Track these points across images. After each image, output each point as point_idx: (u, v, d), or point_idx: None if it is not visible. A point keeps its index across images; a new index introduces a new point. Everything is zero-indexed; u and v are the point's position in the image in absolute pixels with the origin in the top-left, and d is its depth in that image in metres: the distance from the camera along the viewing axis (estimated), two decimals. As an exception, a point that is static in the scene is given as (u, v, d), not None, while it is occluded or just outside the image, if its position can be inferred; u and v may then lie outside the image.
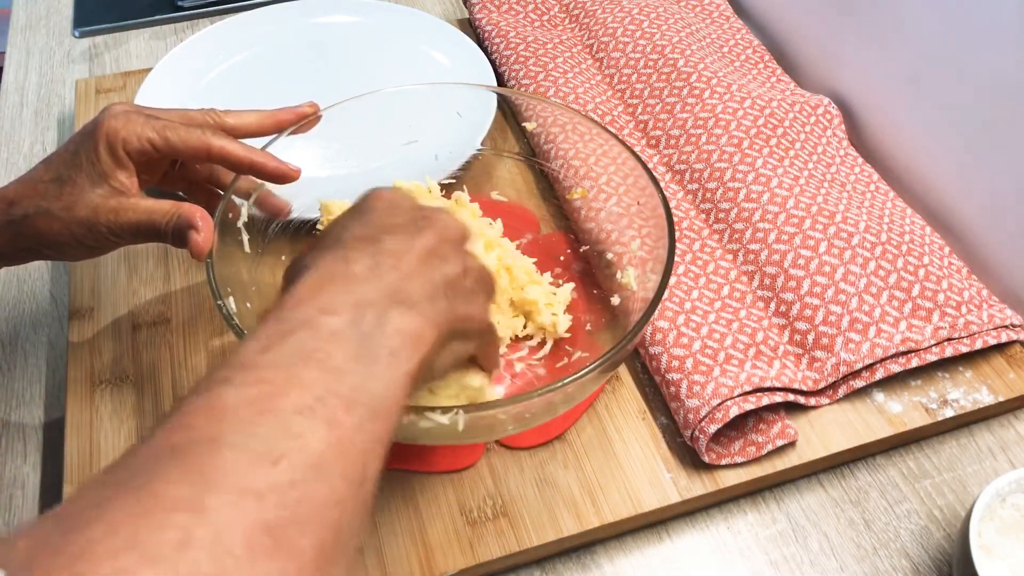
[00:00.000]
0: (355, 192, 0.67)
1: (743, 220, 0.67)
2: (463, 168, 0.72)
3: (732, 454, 0.56)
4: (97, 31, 0.96)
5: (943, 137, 0.69)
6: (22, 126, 0.86)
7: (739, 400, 0.55)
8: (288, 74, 0.86)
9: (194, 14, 0.98)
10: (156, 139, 0.53)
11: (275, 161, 0.57)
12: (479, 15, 0.90)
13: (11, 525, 0.57)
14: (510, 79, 0.82)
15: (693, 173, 0.72)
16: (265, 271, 0.62)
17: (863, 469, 0.58)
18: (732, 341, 0.60)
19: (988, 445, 0.60)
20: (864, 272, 0.62)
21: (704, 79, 0.77)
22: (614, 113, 0.78)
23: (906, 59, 0.71)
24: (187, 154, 0.54)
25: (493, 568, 0.53)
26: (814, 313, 0.61)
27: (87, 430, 0.58)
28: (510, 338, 0.62)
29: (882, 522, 0.56)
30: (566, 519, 0.54)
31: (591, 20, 0.87)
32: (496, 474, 0.56)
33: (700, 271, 0.65)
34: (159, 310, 0.66)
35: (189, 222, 0.52)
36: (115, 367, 0.62)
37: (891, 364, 0.59)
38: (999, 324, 0.62)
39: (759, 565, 0.54)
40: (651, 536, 0.55)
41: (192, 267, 0.69)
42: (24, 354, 0.67)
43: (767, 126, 0.72)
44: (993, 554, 0.49)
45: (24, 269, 0.72)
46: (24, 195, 0.53)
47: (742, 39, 0.87)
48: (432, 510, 0.54)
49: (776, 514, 0.56)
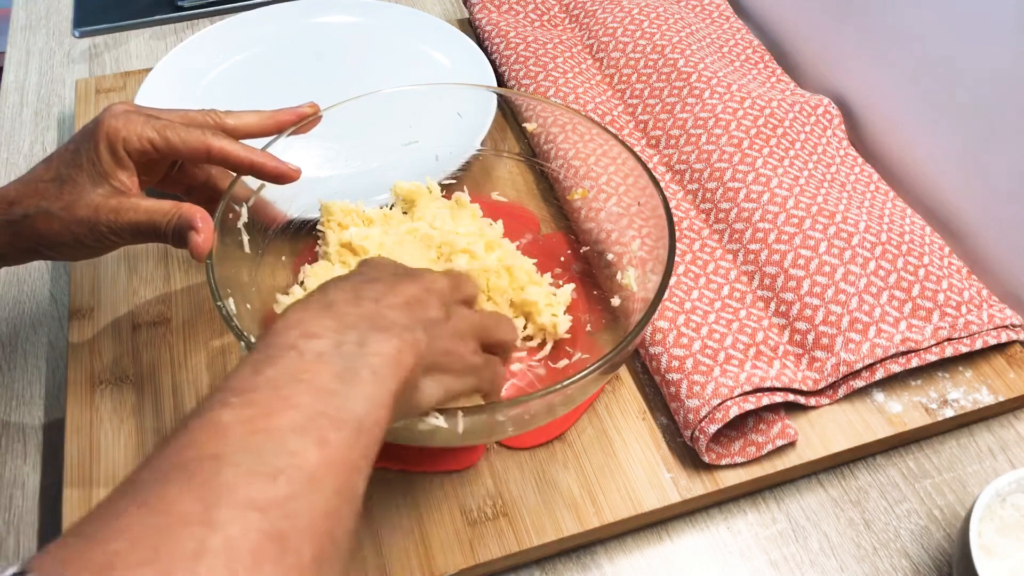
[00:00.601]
0: (355, 192, 0.68)
1: (743, 220, 0.67)
2: (463, 169, 0.72)
3: (732, 454, 0.56)
4: (97, 31, 0.96)
5: (943, 137, 0.69)
6: (22, 126, 0.86)
7: (739, 400, 0.55)
8: (288, 74, 0.86)
9: (194, 14, 0.98)
10: (156, 139, 0.53)
11: (275, 161, 0.57)
12: (479, 15, 0.90)
13: (11, 525, 0.57)
14: (510, 79, 0.82)
15: (693, 173, 0.72)
16: (265, 272, 0.62)
17: (863, 469, 0.58)
18: (732, 341, 0.60)
19: (988, 445, 0.60)
20: (864, 272, 0.62)
21: (704, 79, 0.77)
22: (614, 113, 0.78)
23: (906, 59, 0.71)
24: (187, 154, 0.54)
25: (493, 568, 0.53)
26: (814, 313, 0.61)
27: (87, 430, 0.58)
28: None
29: (882, 522, 0.56)
30: (566, 519, 0.54)
31: (591, 20, 0.87)
32: (496, 474, 0.56)
33: (700, 271, 0.65)
34: (159, 310, 0.66)
35: (189, 222, 0.52)
36: (115, 367, 0.62)
37: (891, 364, 0.59)
38: (999, 324, 0.62)
39: (759, 565, 0.54)
40: (651, 536, 0.55)
41: (192, 267, 0.69)
42: (24, 354, 0.67)
43: (767, 126, 0.72)
44: (993, 554, 0.49)
45: (24, 269, 0.72)
46: (24, 195, 0.53)
47: (742, 39, 0.87)
48: (432, 510, 0.54)
49: (776, 514, 0.56)
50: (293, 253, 0.66)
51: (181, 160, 0.58)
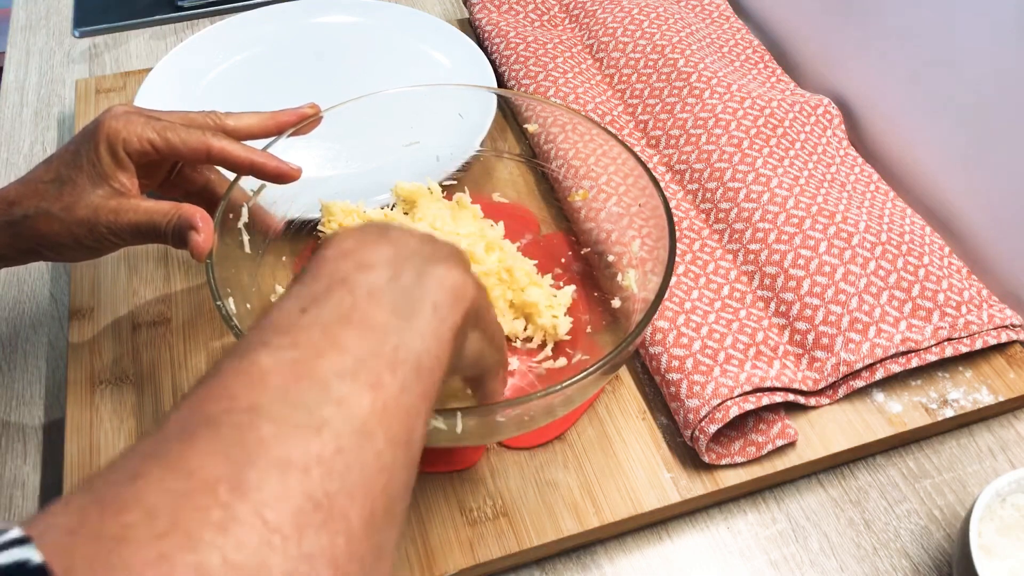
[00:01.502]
0: (356, 193, 0.68)
1: (743, 220, 0.67)
2: (464, 169, 0.72)
3: (732, 454, 0.56)
4: (97, 31, 0.96)
5: (943, 137, 0.69)
6: (22, 126, 0.86)
7: (739, 400, 0.55)
8: (288, 74, 0.86)
9: (194, 14, 0.98)
10: (156, 140, 0.53)
11: (275, 161, 0.57)
12: (479, 15, 0.90)
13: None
14: (510, 79, 0.82)
15: (693, 173, 0.72)
16: (266, 272, 0.62)
17: (863, 469, 0.58)
18: (732, 341, 0.60)
19: (988, 445, 0.60)
20: (864, 272, 0.62)
21: (704, 79, 0.77)
22: (614, 113, 0.78)
23: (906, 59, 0.71)
24: (187, 155, 0.54)
25: (493, 568, 0.53)
26: (814, 313, 0.61)
27: (87, 430, 0.58)
28: (511, 340, 0.62)
29: (882, 522, 0.56)
30: (566, 519, 0.54)
31: (591, 20, 0.87)
32: (496, 474, 0.56)
33: (700, 271, 0.65)
34: (159, 310, 0.66)
35: (189, 222, 0.52)
36: (115, 367, 0.62)
37: (891, 364, 0.59)
38: (999, 324, 0.62)
39: (759, 565, 0.54)
40: (651, 536, 0.55)
41: (192, 267, 0.69)
42: (24, 354, 0.67)
43: (767, 126, 0.72)
44: (993, 554, 0.49)
45: (24, 269, 0.72)
46: (24, 196, 0.53)
47: (742, 39, 0.87)
48: (432, 510, 0.54)
49: (776, 514, 0.56)
50: (293, 253, 0.66)
51: (181, 162, 0.58)
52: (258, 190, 0.60)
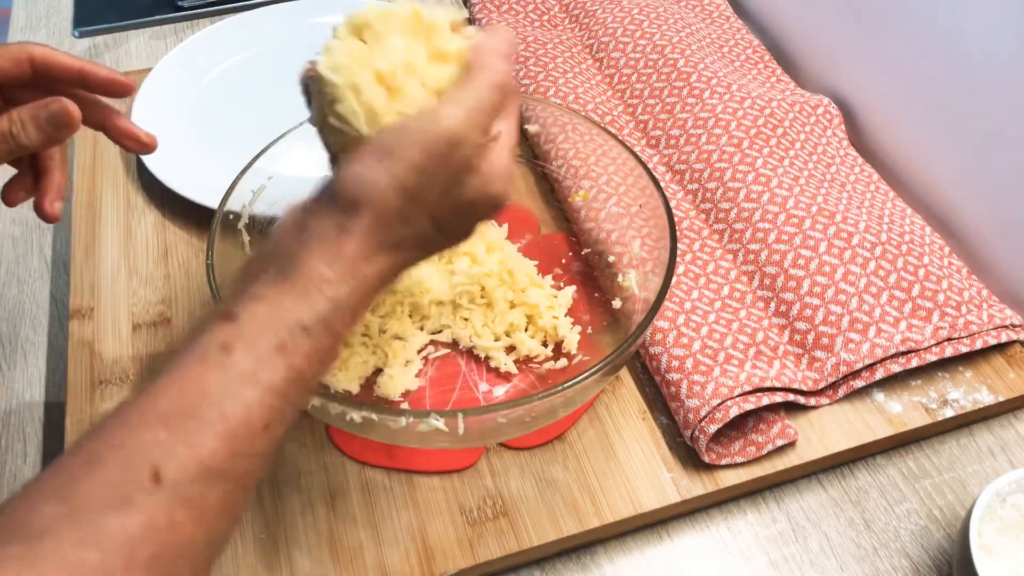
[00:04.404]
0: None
1: (743, 220, 0.67)
2: (463, 168, 0.71)
3: (732, 454, 0.56)
4: (97, 31, 0.96)
5: (943, 137, 0.69)
6: (22, 126, 0.86)
7: (739, 400, 0.55)
8: (288, 74, 0.85)
9: (194, 14, 0.98)
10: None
11: (105, 70, 0.53)
12: (479, 15, 0.90)
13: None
14: (510, 79, 0.82)
15: (693, 173, 0.72)
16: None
17: (863, 469, 0.58)
18: (732, 341, 0.60)
19: (988, 445, 0.60)
20: (864, 272, 0.62)
21: (704, 79, 0.77)
22: (614, 113, 0.78)
23: (906, 59, 0.71)
24: (7, 68, 0.51)
25: (493, 568, 0.53)
26: (814, 313, 0.61)
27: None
28: (513, 351, 0.62)
29: (882, 522, 0.56)
30: (566, 519, 0.54)
31: (591, 20, 0.87)
32: (496, 474, 0.56)
33: (700, 271, 0.65)
34: (159, 310, 0.66)
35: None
36: (115, 367, 0.62)
37: (891, 364, 0.59)
38: (999, 324, 0.62)
39: (759, 565, 0.54)
40: (651, 536, 0.55)
41: (192, 267, 0.69)
42: (24, 354, 0.67)
43: (767, 126, 0.72)
44: (993, 554, 0.49)
45: (24, 269, 0.72)
46: None
47: (742, 39, 0.87)
48: (432, 510, 0.54)
49: (776, 514, 0.56)
50: (293, 253, 0.65)
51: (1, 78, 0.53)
52: (258, 191, 0.60)
